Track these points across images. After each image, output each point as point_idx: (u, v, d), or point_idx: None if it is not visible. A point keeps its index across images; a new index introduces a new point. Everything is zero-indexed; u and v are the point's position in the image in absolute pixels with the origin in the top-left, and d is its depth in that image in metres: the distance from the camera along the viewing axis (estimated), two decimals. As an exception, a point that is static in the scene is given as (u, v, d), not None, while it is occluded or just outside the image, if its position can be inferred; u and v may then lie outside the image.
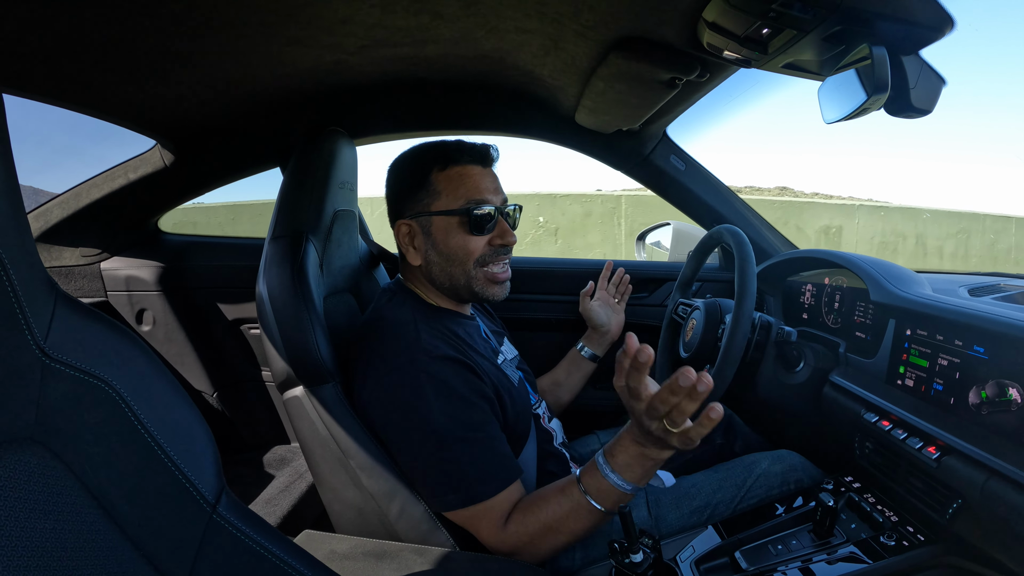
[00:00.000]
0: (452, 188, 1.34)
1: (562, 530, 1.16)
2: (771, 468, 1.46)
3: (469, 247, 1.34)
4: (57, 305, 0.66)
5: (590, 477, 1.15)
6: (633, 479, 1.12)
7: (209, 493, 0.76)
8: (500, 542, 1.19)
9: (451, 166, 1.35)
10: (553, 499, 1.18)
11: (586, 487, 1.15)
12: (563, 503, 1.16)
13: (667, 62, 1.24)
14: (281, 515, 2.00)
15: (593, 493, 1.14)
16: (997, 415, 0.99)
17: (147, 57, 1.30)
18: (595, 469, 1.15)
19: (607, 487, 1.13)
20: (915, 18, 0.88)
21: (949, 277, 1.59)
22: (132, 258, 2.31)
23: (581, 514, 1.15)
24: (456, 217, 1.33)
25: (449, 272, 1.36)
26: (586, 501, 1.14)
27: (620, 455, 1.13)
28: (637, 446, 1.11)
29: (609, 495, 1.13)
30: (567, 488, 1.18)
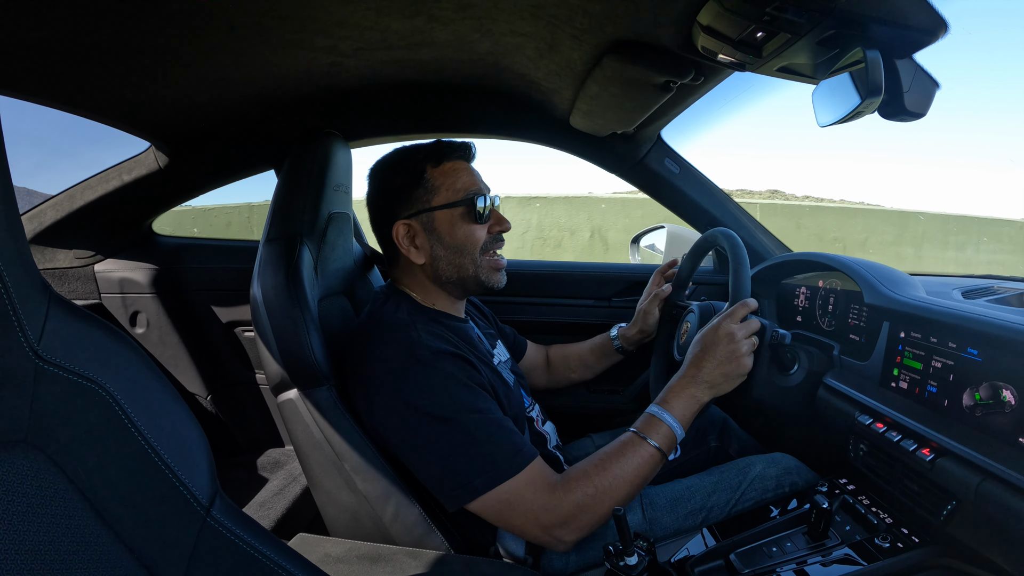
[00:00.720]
0: (450, 182, 1.36)
1: (630, 481, 1.21)
2: (766, 471, 1.46)
3: (475, 236, 1.37)
4: (51, 307, 0.66)
5: (651, 427, 1.27)
6: (683, 421, 1.29)
7: (203, 496, 0.76)
8: (556, 505, 1.17)
9: (444, 161, 1.38)
10: (615, 455, 1.23)
11: (644, 432, 1.26)
12: (629, 455, 1.23)
13: (662, 65, 1.25)
14: (275, 518, 1.99)
15: (654, 437, 1.25)
16: (991, 417, 1.00)
17: (142, 59, 1.30)
18: (654, 419, 1.28)
19: (666, 431, 1.26)
20: (909, 22, 0.89)
21: (942, 280, 1.60)
22: (126, 260, 2.30)
23: (648, 461, 1.24)
24: (459, 208, 1.35)
25: (458, 264, 1.37)
26: (654, 448, 1.24)
27: (673, 401, 1.30)
28: (687, 390, 1.31)
29: (666, 437, 1.26)
30: (629, 442, 1.26)
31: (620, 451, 1.24)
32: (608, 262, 2.21)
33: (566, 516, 1.17)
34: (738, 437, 1.77)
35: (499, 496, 1.16)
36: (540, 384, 1.94)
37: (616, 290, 2.24)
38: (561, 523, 1.17)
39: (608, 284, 2.25)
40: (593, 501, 1.18)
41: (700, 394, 1.30)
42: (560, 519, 1.17)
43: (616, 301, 2.23)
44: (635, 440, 1.25)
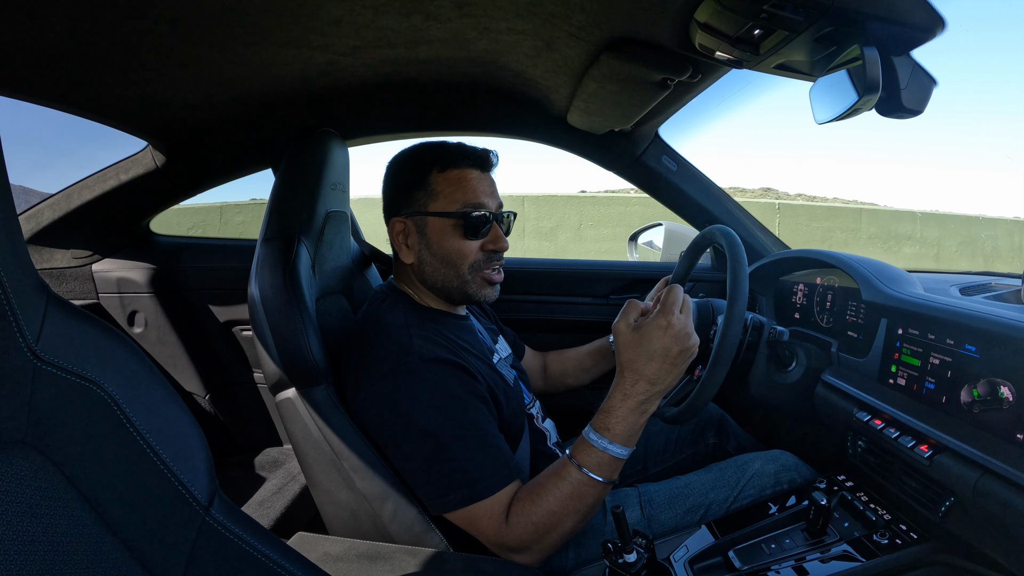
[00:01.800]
0: (450, 190, 1.34)
1: (568, 512, 1.15)
2: (764, 468, 1.46)
3: (463, 251, 1.34)
4: (48, 307, 0.66)
5: (584, 454, 1.17)
6: (626, 440, 1.17)
7: (202, 496, 0.76)
8: (505, 538, 1.15)
9: (451, 168, 1.35)
10: (551, 484, 1.16)
11: (582, 463, 1.16)
12: (563, 486, 1.15)
13: (659, 63, 1.25)
14: (274, 517, 1.99)
15: (592, 468, 1.15)
16: (989, 413, 1.00)
17: (138, 58, 1.29)
18: (587, 445, 1.17)
19: (604, 458, 1.16)
20: (906, 19, 0.89)
21: (940, 276, 1.60)
22: (124, 260, 2.30)
23: (584, 491, 1.15)
24: (452, 220, 1.33)
25: (442, 274, 1.36)
26: (587, 478, 1.15)
27: (610, 419, 1.18)
28: (626, 401, 1.18)
29: (606, 464, 1.16)
30: (562, 470, 1.17)
31: (556, 483, 1.17)
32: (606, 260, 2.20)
33: (513, 548, 1.17)
34: (736, 434, 1.77)
35: (469, 514, 1.17)
36: (536, 389, 1.94)
37: (614, 288, 2.24)
38: (511, 551, 1.17)
39: (606, 282, 2.25)
40: (537, 534, 1.15)
41: (647, 402, 1.18)
42: (509, 548, 1.17)
43: (614, 299, 2.23)
44: (571, 471, 1.17)
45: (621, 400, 1.18)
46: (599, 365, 1.91)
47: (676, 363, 1.18)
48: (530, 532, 1.14)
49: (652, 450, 1.75)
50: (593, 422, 1.20)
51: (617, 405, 1.18)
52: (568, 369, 1.93)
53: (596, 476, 1.15)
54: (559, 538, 1.16)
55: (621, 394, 1.19)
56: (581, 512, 1.16)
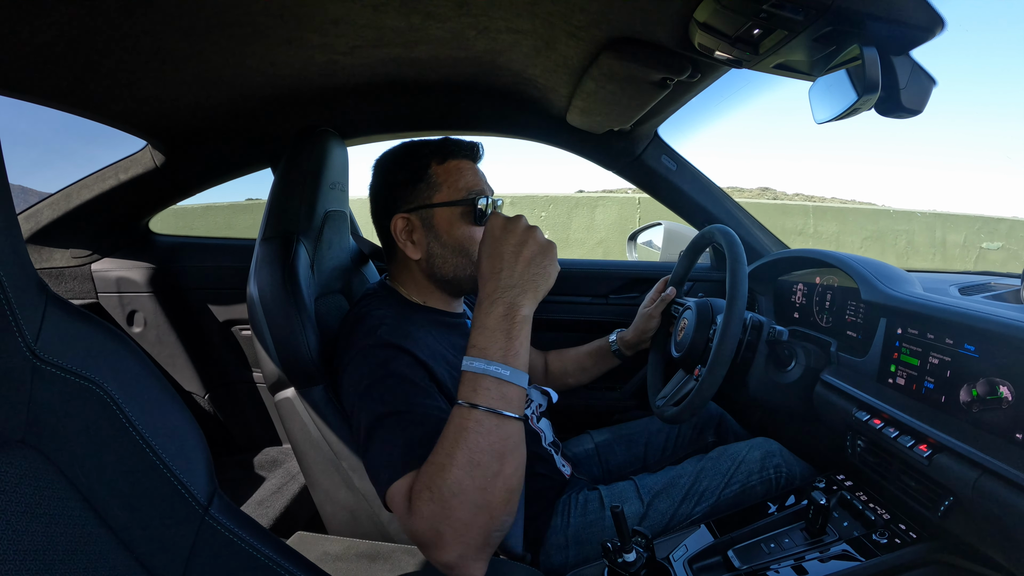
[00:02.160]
0: (453, 180, 1.34)
1: (460, 463, 0.91)
2: (750, 455, 1.48)
3: (474, 237, 1.34)
4: (48, 307, 0.66)
5: (462, 387, 0.97)
6: (503, 356, 0.98)
7: (201, 495, 0.76)
8: (412, 526, 0.94)
9: (449, 159, 1.36)
10: (442, 439, 0.95)
11: (463, 398, 0.96)
12: (451, 433, 0.94)
13: (658, 62, 1.25)
14: (273, 517, 1.99)
15: (471, 396, 0.95)
16: (988, 413, 1.00)
17: (138, 58, 1.29)
18: (463, 375, 0.98)
19: (485, 382, 0.96)
20: (906, 19, 0.89)
21: (939, 276, 1.60)
22: (123, 259, 2.30)
23: (477, 431, 0.93)
24: (459, 208, 1.33)
25: (453, 264, 1.35)
26: (474, 412, 0.94)
27: (481, 338, 0.99)
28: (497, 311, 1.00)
29: (491, 391, 0.95)
30: (451, 420, 0.96)
31: (447, 435, 0.95)
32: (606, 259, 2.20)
33: (422, 534, 0.92)
34: (735, 433, 1.78)
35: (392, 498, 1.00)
36: None
37: (614, 287, 2.24)
38: (424, 543, 0.92)
39: (606, 281, 2.25)
40: (441, 508, 0.90)
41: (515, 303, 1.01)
42: (418, 538, 0.93)
43: (613, 298, 2.23)
44: (458, 413, 0.95)
45: (477, 309, 1.03)
46: (598, 365, 1.91)
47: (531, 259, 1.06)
48: (429, 506, 0.91)
49: (652, 449, 1.76)
50: (467, 353, 1.00)
51: (476, 317, 1.02)
52: (568, 368, 1.93)
53: (482, 405, 0.94)
54: (470, 512, 0.90)
55: (477, 305, 1.03)
56: (481, 463, 0.91)
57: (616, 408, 2.20)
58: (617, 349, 1.88)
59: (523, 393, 0.99)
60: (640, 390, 2.17)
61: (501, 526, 0.93)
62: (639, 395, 2.18)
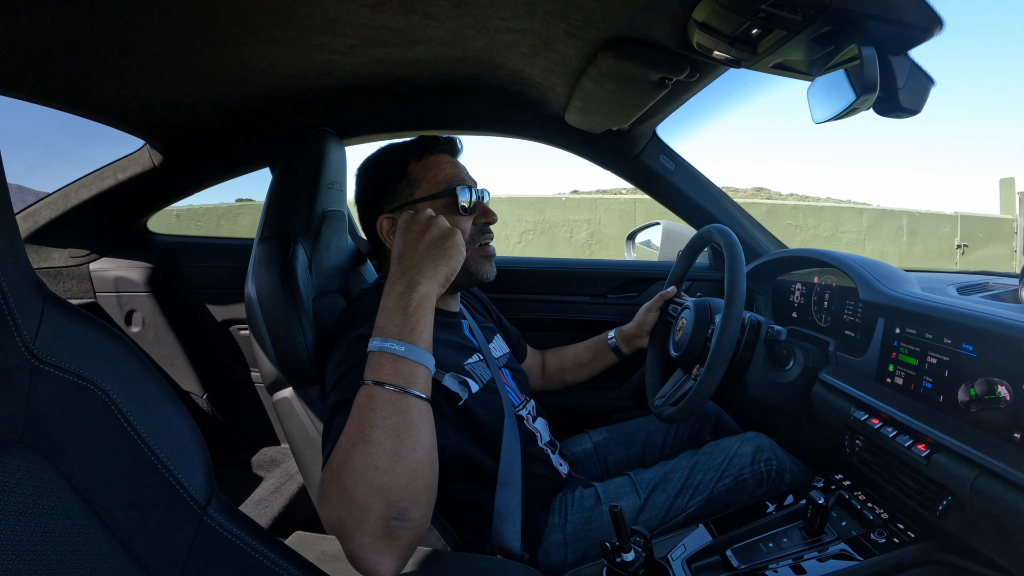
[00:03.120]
0: (432, 175, 1.37)
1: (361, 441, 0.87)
2: (741, 448, 1.48)
3: (459, 227, 1.32)
4: (46, 307, 0.66)
5: (366, 368, 0.95)
6: (399, 333, 0.96)
7: (199, 495, 0.76)
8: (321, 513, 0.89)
9: (427, 155, 1.39)
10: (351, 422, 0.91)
11: (365, 377, 0.93)
12: (352, 413, 0.91)
13: (657, 62, 1.25)
14: (272, 517, 1.99)
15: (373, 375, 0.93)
16: (986, 412, 1.00)
17: (136, 57, 1.29)
18: (373, 355, 0.95)
19: (383, 359, 0.94)
20: (904, 18, 0.89)
21: (938, 276, 1.61)
22: (121, 259, 2.29)
23: (369, 406, 0.90)
24: (441, 200, 1.35)
25: None
26: (366, 387, 0.92)
27: (382, 318, 0.99)
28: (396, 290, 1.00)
29: (385, 367, 0.93)
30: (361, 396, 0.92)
31: (350, 416, 0.91)
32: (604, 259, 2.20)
33: (331, 523, 0.87)
34: (733, 433, 1.77)
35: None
36: (534, 387, 1.93)
37: (612, 287, 2.24)
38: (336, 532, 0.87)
39: (604, 281, 2.25)
40: (338, 490, 0.86)
41: (413, 283, 1.00)
42: (330, 526, 0.88)
43: (612, 298, 2.23)
44: (359, 392, 0.93)
45: (384, 295, 1.02)
46: (596, 361, 1.91)
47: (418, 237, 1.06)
48: (327, 487, 0.88)
49: (650, 448, 1.76)
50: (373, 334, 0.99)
51: (382, 300, 1.02)
52: (566, 365, 1.94)
53: (369, 379, 0.92)
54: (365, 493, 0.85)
55: (388, 287, 1.02)
56: (373, 439, 0.87)
57: (614, 408, 2.20)
58: (615, 345, 1.88)
59: (423, 370, 0.96)
60: (638, 390, 2.17)
61: (402, 514, 0.87)
62: (637, 395, 2.18)
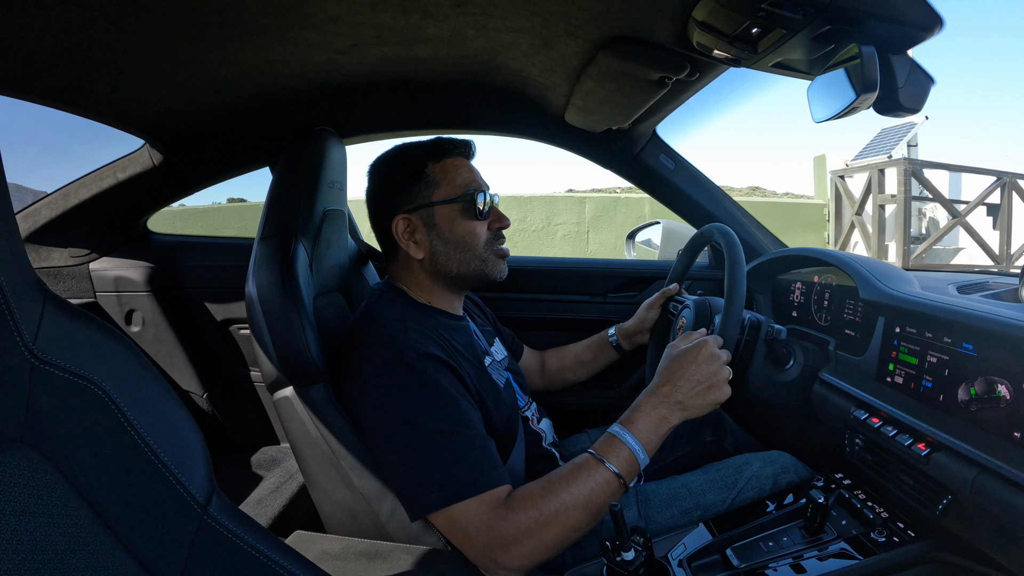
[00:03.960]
0: (450, 178, 1.36)
1: (577, 504, 1.09)
2: (762, 470, 1.46)
3: (476, 232, 1.36)
4: (46, 306, 0.66)
5: (610, 448, 1.16)
6: (648, 446, 1.18)
7: (200, 494, 0.76)
8: (497, 526, 1.07)
9: (445, 158, 1.38)
10: (567, 478, 1.12)
11: (602, 454, 1.14)
12: (582, 478, 1.12)
13: (657, 61, 1.25)
14: (272, 516, 1.99)
15: (613, 461, 1.14)
16: (986, 411, 1.00)
17: (136, 57, 1.29)
18: (615, 440, 1.17)
19: (627, 455, 1.15)
20: (904, 18, 0.89)
21: (937, 275, 1.60)
22: (121, 258, 2.29)
23: (603, 488, 1.12)
24: (459, 204, 1.35)
25: (458, 259, 1.36)
26: (612, 474, 1.12)
27: (640, 421, 1.19)
28: (656, 411, 1.21)
29: (625, 460, 1.15)
30: (583, 464, 1.14)
31: (573, 474, 1.13)
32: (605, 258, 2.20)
33: (507, 539, 1.07)
34: (733, 432, 1.77)
35: (452, 514, 1.10)
36: (535, 388, 1.93)
37: (612, 286, 2.24)
38: (502, 546, 1.07)
39: (604, 280, 2.25)
40: (537, 526, 1.07)
41: (671, 416, 1.21)
42: (500, 541, 1.07)
43: (612, 297, 2.23)
44: (591, 463, 1.14)
45: (648, 399, 1.23)
46: (597, 359, 1.91)
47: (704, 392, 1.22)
48: (528, 520, 1.07)
49: (649, 448, 1.76)
50: (621, 421, 1.21)
51: (644, 403, 1.22)
52: (567, 364, 1.94)
53: (614, 468, 1.13)
54: (553, 540, 1.08)
55: (653, 396, 1.23)
56: (589, 510, 1.10)
57: (614, 407, 2.20)
58: (617, 342, 1.88)
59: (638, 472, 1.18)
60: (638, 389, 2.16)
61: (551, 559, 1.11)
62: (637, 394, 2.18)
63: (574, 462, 1.16)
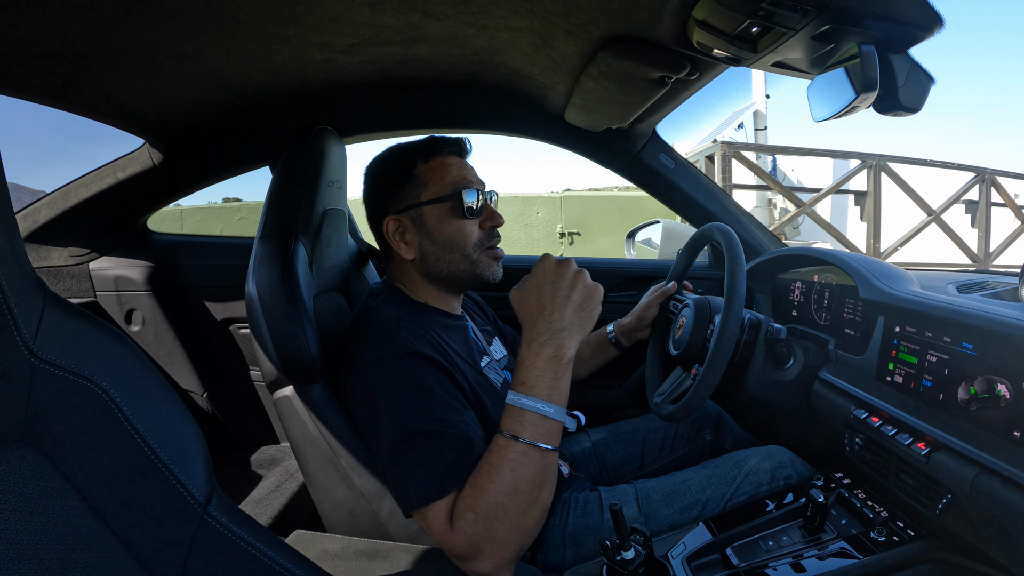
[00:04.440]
0: (439, 177, 1.35)
1: (507, 490, 1.02)
2: (760, 464, 1.46)
3: (465, 231, 1.35)
4: (46, 306, 0.66)
5: (509, 419, 1.07)
6: (553, 393, 1.08)
7: (200, 494, 0.76)
8: (451, 541, 1.03)
9: (434, 157, 1.37)
10: (485, 464, 1.06)
11: (508, 430, 1.06)
12: (494, 460, 1.04)
13: (657, 60, 1.25)
14: (272, 515, 1.99)
15: (519, 431, 1.05)
16: (986, 411, 1.00)
17: (135, 56, 1.29)
18: (513, 409, 1.08)
19: (529, 418, 1.06)
20: (904, 17, 0.89)
21: (937, 275, 1.61)
22: (121, 258, 2.29)
23: (516, 461, 1.03)
24: (447, 203, 1.34)
25: (447, 260, 1.36)
26: (522, 445, 1.04)
27: (530, 376, 1.09)
28: (545, 353, 1.10)
29: (533, 425, 1.06)
30: (495, 448, 1.06)
31: (490, 462, 1.05)
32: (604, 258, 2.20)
33: (461, 547, 1.03)
34: (733, 431, 1.77)
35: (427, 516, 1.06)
36: None
37: (612, 285, 2.24)
38: (461, 555, 1.03)
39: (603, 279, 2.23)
40: (481, 527, 1.01)
41: (562, 347, 1.10)
42: (456, 550, 1.04)
43: (612, 296, 2.23)
44: (501, 443, 1.06)
45: (528, 349, 1.12)
46: (596, 356, 1.90)
47: (582, 305, 1.15)
48: (472, 525, 1.01)
49: (649, 447, 1.75)
50: (512, 386, 1.11)
51: (526, 355, 1.11)
52: None
53: (525, 439, 1.04)
54: (509, 531, 1.02)
55: (532, 342, 1.12)
56: (522, 491, 1.02)
57: (613, 406, 2.20)
58: (615, 339, 1.87)
59: (562, 427, 1.10)
60: (637, 389, 2.17)
61: (532, 540, 1.07)
62: (636, 394, 2.18)
63: (489, 450, 1.08)
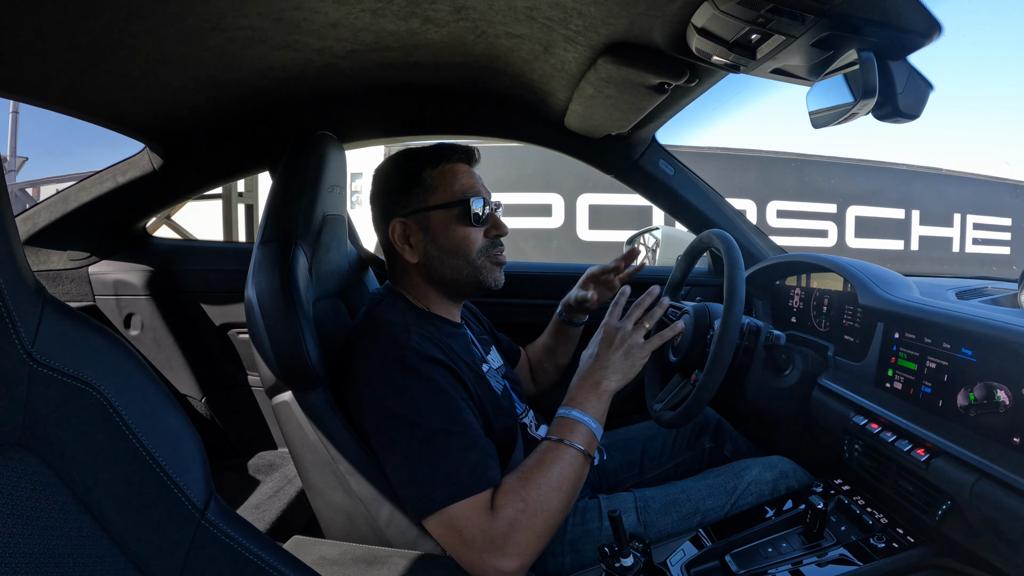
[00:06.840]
0: (448, 183, 1.36)
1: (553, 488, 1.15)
2: (762, 475, 1.45)
3: (470, 238, 1.36)
4: (45, 310, 0.65)
5: (556, 428, 1.25)
6: (596, 414, 1.28)
7: (197, 499, 0.75)
8: (490, 526, 1.08)
9: (444, 163, 1.38)
10: (539, 465, 1.18)
11: (557, 435, 1.23)
12: (552, 462, 1.18)
13: (656, 67, 1.25)
14: (270, 521, 1.98)
15: (572, 438, 1.22)
16: (985, 417, 1.00)
17: (136, 61, 1.29)
18: (565, 420, 1.26)
19: (583, 431, 1.24)
20: (903, 24, 0.89)
21: (936, 281, 1.61)
22: (120, 262, 2.29)
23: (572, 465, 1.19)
24: (455, 209, 1.35)
25: (452, 265, 1.36)
26: (576, 451, 1.20)
27: (580, 397, 1.29)
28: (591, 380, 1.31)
29: (583, 435, 1.23)
30: (549, 450, 1.21)
31: (543, 460, 1.18)
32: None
33: (500, 536, 1.08)
34: (732, 438, 1.77)
35: (450, 516, 1.10)
36: (529, 392, 1.92)
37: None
38: (497, 547, 1.08)
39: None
40: (526, 516, 1.09)
41: (605, 378, 1.31)
42: (494, 540, 1.08)
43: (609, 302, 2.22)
44: (555, 446, 1.21)
45: (578, 378, 1.34)
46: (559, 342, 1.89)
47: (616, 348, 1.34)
48: (519, 510, 1.10)
49: (648, 454, 1.75)
50: (565, 403, 1.30)
51: (576, 383, 1.33)
52: (539, 355, 1.92)
53: (576, 444, 1.21)
54: (544, 526, 1.12)
55: (579, 376, 1.34)
56: (565, 489, 1.17)
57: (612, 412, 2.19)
58: (565, 317, 1.86)
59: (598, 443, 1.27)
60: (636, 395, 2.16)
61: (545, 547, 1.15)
62: (635, 400, 2.17)
63: (539, 450, 1.22)
